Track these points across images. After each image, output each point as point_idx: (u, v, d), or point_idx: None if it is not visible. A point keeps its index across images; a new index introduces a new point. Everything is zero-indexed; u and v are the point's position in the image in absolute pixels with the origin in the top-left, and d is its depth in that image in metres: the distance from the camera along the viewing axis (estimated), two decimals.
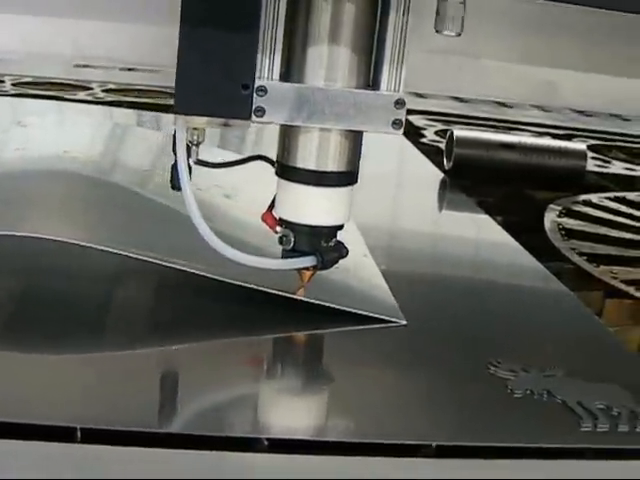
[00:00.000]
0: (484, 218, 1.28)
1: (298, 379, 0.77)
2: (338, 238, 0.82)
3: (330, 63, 0.77)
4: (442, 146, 1.67)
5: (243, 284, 0.81)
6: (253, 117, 0.75)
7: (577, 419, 0.70)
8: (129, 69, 2.45)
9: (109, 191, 1.02)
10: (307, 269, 0.81)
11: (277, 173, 0.81)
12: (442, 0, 0.76)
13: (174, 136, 0.77)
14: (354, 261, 0.91)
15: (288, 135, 0.79)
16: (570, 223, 1.39)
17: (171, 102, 0.74)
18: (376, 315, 0.84)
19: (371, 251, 1.01)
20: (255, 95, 0.75)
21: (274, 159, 0.82)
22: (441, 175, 1.54)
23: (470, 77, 2.20)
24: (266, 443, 0.62)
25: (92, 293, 0.85)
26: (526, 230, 1.30)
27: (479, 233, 1.26)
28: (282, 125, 0.79)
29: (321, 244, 0.80)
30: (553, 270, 1.08)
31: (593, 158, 1.95)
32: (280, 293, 0.82)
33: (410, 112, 0.87)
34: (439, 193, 1.49)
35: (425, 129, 2.07)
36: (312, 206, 0.80)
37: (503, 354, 0.79)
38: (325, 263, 0.81)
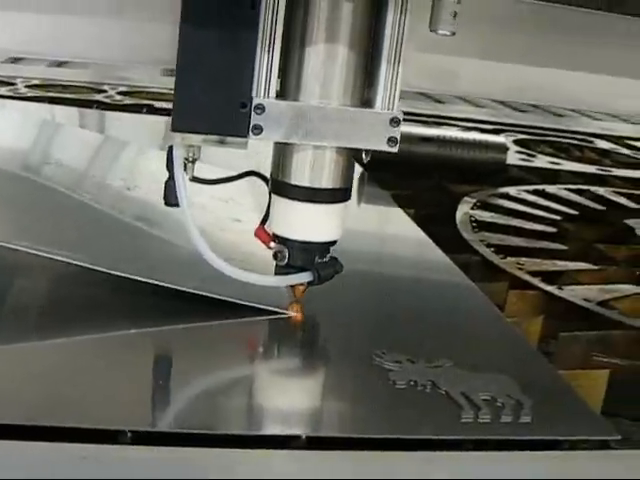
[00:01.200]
0: (395, 211, 1.27)
1: (179, 371, 0.76)
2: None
3: (326, 81, 0.76)
4: None
5: (151, 281, 0.80)
6: (251, 135, 0.75)
7: (459, 410, 0.69)
8: (58, 65, 2.42)
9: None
10: (302, 284, 0.81)
11: (271, 189, 0.81)
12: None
13: (169, 153, 0.77)
14: None
15: (282, 152, 0.79)
16: (483, 215, 1.39)
17: (95, 97, 0.73)
18: (267, 307, 0.83)
19: None
20: (253, 113, 0.75)
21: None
22: (360, 169, 1.53)
23: None
24: (129, 435, 0.61)
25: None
26: (437, 222, 1.30)
27: (388, 226, 1.25)
28: (276, 142, 0.79)
29: (315, 260, 0.80)
30: (459, 262, 1.07)
31: (519, 152, 1.96)
32: (179, 288, 0.81)
33: None
34: (357, 187, 1.48)
35: None
36: (307, 222, 0.80)
37: (393, 345, 0.78)
38: (321, 278, 0.81)
